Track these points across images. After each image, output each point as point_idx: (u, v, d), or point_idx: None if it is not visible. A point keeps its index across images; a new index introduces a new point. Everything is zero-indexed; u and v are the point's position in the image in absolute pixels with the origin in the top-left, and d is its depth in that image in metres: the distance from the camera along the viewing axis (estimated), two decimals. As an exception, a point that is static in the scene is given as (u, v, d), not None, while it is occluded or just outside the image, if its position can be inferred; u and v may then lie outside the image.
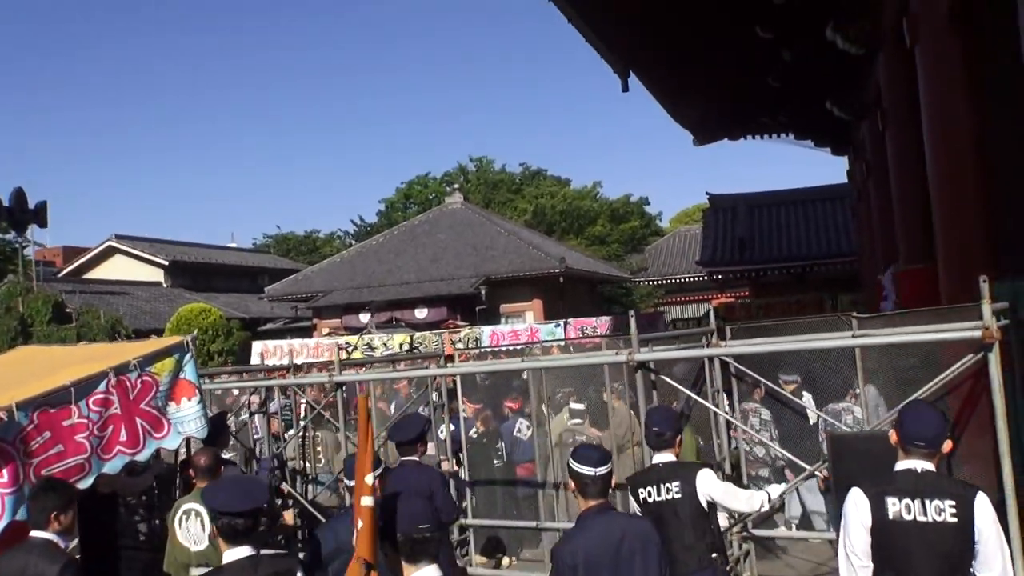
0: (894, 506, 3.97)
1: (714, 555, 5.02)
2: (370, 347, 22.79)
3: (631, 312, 5.73)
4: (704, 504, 5.03)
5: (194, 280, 43.13)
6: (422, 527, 3.78)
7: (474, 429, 9.52)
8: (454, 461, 8.67)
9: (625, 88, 18.98)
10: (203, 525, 5.84)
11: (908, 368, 6.02)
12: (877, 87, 15.05)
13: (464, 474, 8.92)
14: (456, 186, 46.07)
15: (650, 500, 5.14)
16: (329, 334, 32.96)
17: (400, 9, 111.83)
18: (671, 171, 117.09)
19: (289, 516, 6.75)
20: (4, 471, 5.22)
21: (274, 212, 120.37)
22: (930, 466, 4.08)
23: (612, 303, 45.68)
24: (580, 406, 9.40)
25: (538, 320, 33.99)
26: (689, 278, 44.78)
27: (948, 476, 4.16)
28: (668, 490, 5.09)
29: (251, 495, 4.16)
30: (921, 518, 3.91)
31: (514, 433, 9.94)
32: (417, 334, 23.65)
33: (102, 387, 5.83)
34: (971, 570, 3.93)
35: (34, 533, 4.74)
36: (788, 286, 31.27)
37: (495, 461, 9.46)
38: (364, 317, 32.91)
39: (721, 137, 27.18)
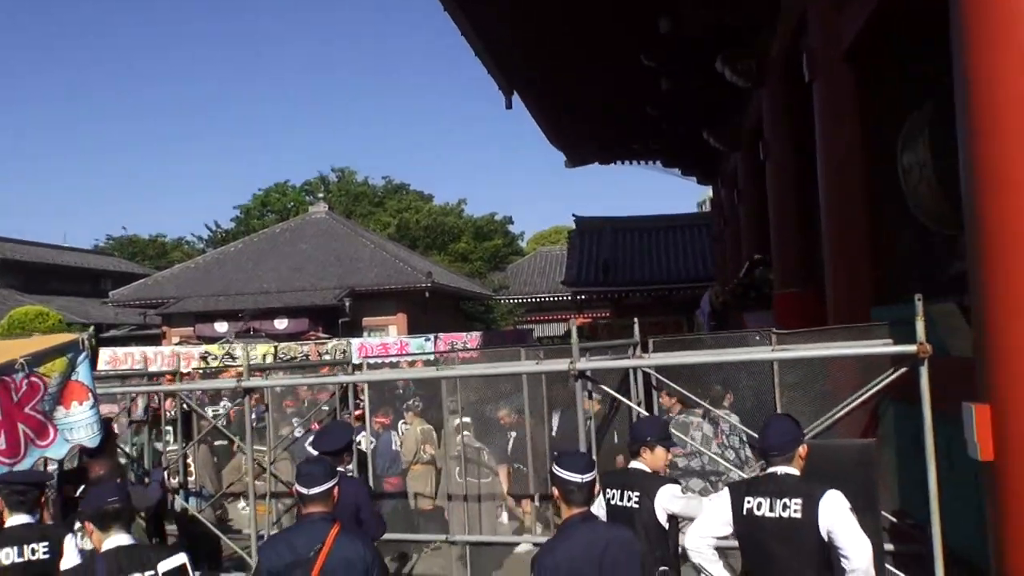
0: (750, 503, 4.42)
1: (662, 568, 4.97)
2: (231, 357, 21.87)
3: (571, 322, 5.63)
4: (662, 518, 5.00)
5: (27, 281, 40.17)
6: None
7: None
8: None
9: (509, 106, 19.11)
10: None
11: (822, 382, 6.19)
12: (756, 119, 15.61)
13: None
14: (321, 195, 45.15)
15: (612, 503, 5.16)
16: (180, 343, 31.59)
17: (268, 8, 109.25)
18: (531, 192, 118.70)
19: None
20: None
21: (114, 213, 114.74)
22: (790, 470, 4.48)
23: (473, 320, 45.66)
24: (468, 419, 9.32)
25: (400, 334, 33.66)
26: (549, 298, 45.38)
27: (805, 480, 4.50)
28: (629, 497, 5.10)
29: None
30: (769, 514, 4.35)
31: (393, 447, 9.71)
32: (281, 345, 22.87)
33: (-17, 389, 5.31)
34: (837, 561, 4.30)
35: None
36: (648, 308, 31.97)
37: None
38: (220, 326, 31.76)
39: (593, 161, 27.78)
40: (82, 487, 6.36)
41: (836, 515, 4.23)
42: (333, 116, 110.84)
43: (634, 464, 5.32)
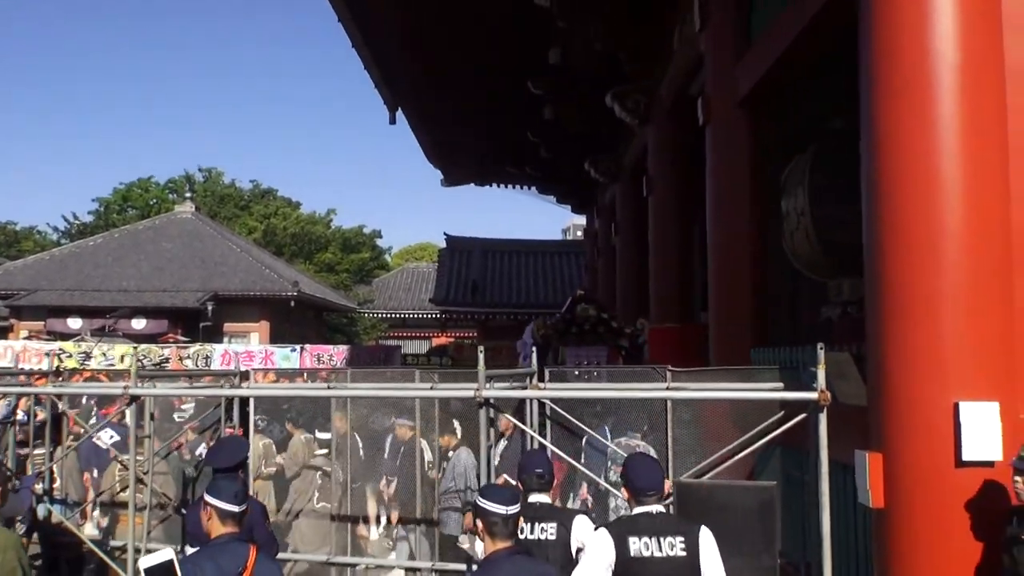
0: (635, 544, 4.39)
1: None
2: (87, 356, 20.97)
3: (480, 348, 5.65)
4: (574, 550, 5.01)
5: None
6: None
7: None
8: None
9: (392, 120, 19.17)
10: None
11: (710, 421, 6.42)
12: (637, 154, 16.10)
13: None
14: (189, 195, 43.74)
15: (521, 537, 5.05)
16: (29, 337, 30.00)
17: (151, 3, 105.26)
18: (400, 207, 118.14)
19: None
20: None
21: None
22: (661, 508, 4.62)
23: (336, 331, 45.10)
24: (326, 435, 9.21)
25: (263, 342, 32.96)
26: (414, 314, 45.21)
27: (676, 516, 4.71)
28: (543, 530, 5.03)
29: None
30: (658, 554, 4.37)
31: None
32: (141, 346, 22.03)
33: None
34: None
35: None
36: (514, 331, 32.29)
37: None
38: (74, 322, 30.39)
39: (469, 181, 28.00)
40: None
41: (713, 551, 4.40)
42: (203, 114, 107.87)
43: (537, 498, 5.21)
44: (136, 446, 6.80)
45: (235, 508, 4.27)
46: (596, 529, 4.71)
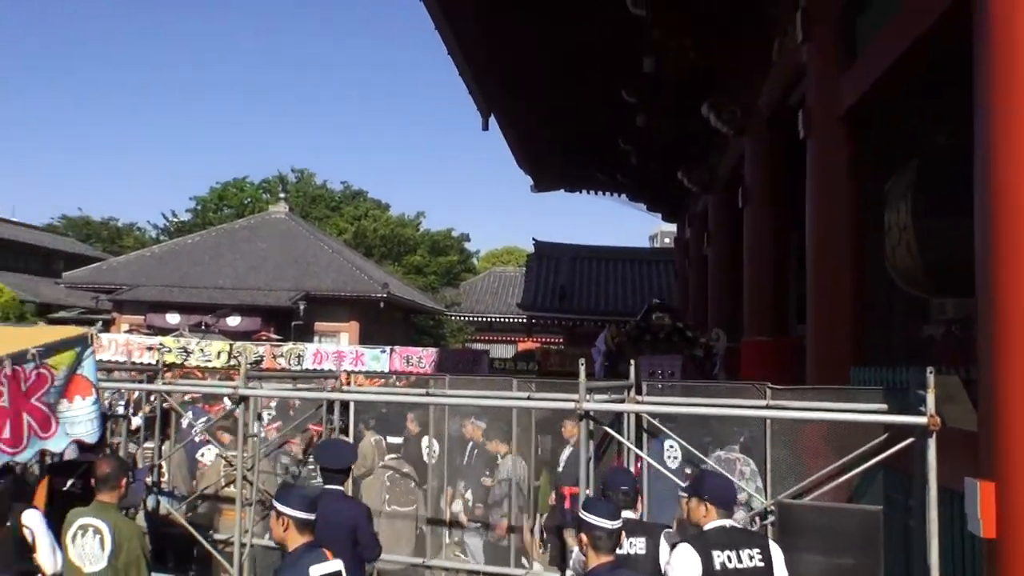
0: (718, 557, 4.52)
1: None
2: (186, 351, 21.64)
3: (581, 360, 5.68)
4: (663, 564, 5.03)
5: (-26, 254, 39.51)
6: None
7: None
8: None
9: (485, 127, 19.32)
10: (102, 543, 5.26)
11: (811, 439, 6.32)
12: (732, 165, 15.93)
13: None
14: (283, 195, 44.73)
15: (620, 552, 5.12)
16: (130, 331, 31.11)
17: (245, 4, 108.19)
18: (486, 211, 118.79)
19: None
20: None
21: (64, 192, 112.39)
22: (734, 522, 4.80)
23: (423, 333, 45.53)
24: (398, 440, 9.34)
25: (352, 342, 33.51)
26: (500, 318, 45.48)
27: (748, 529, 4.88)
28: (632, 544, 5.08)
29: None
30: (739, 565, 4.53)
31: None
32: (237, 344, 22.66)
33: (-6, 375, 5.25)
34: None
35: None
36: (602, 338, 32.19)
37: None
38: (172, 318, 31.34)
39: (559, 187, 28.03)
40: (71, 481, 6.32)
41: (783, 562, 4.59)
42: (297, 116, 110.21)
43: (626, 513, 5.18)
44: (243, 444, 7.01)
45: (310, 517, 4.36)
46: (676, 545, 4.76)
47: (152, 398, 8.70)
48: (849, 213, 9.00)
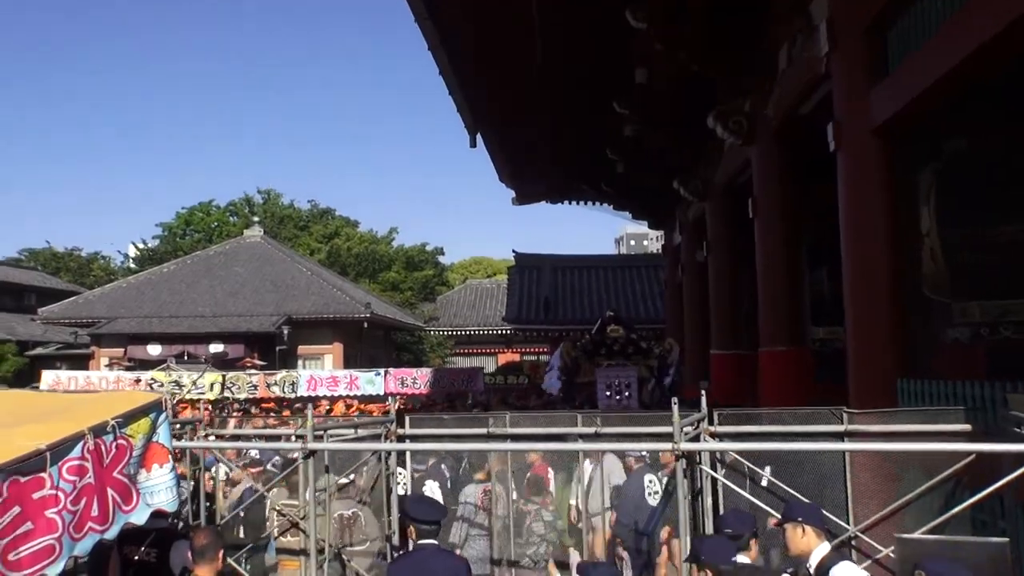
0: None
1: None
2: (178, 385, 21.26)
3: (674, 399, 5.56)
4: None
5: (-57, 294, 38.59)
6: None
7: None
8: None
9: (473, 144, 19.29)
10: None
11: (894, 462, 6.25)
12: (732, 173, 15.92)
13: None
14: (257, 219, 44.23)
15: None
16: (110, 365, 30.63)
17: (192, 22, 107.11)
18: (452, 223, 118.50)
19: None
20: (-29, 553, 4.32)
21: (20, 225, 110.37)
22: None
23: (403, 350, 45.26)
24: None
25: (336, 364, 33.28)
26: (479, 331, 45.28)
27: None
28: None
29: None
30: None
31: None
32: (230, 374, 22.31)
33: (77, 451, 4.99)
34: None
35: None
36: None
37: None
38: (153, 348, 30.87)
39: (541, 199, 27.97)
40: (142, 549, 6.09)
41: None
42: (258, 138, 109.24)
43: (741, 557, 5.16)
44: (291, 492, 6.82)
45: None
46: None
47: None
48: (884, 223, 8.96)
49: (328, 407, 19.52)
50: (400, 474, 7.86)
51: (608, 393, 15.98)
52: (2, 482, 4.51)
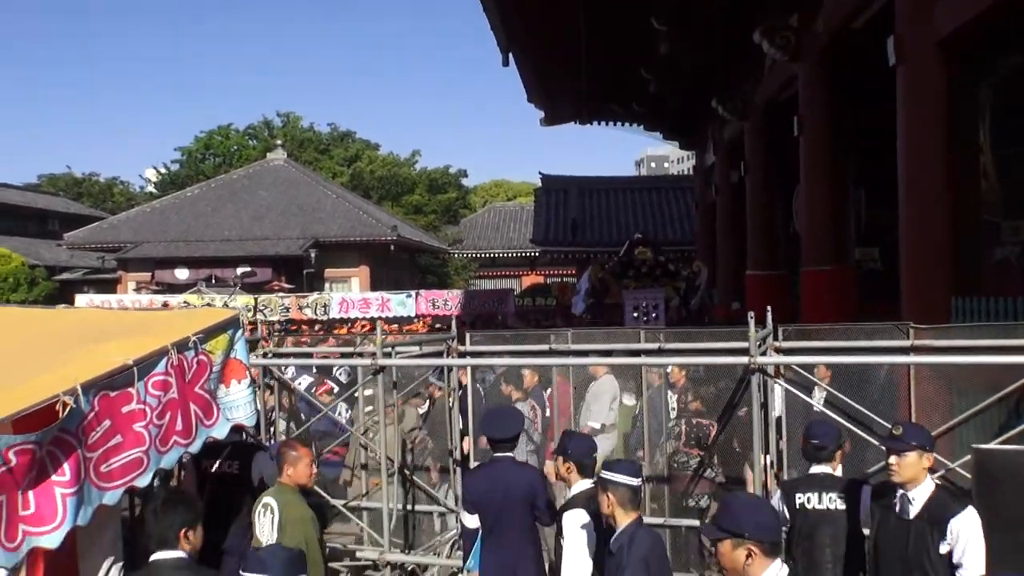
0: None
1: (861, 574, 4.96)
2: (211, 307, 21.38)
3: (750, 313, 5.55)
4: (863, 519, 4.99)
5: (-35, 219, 38.51)
6: None
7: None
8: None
9: (505, 63, 18.95)
10: (272, 522, 5.25)
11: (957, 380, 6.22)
12: (771, 92, 15.66)
13: None
14: (280, 142, 43.94)
15: (808, 507, 5.10)
16: (138, 288, 30.82)
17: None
18: (469, 145, 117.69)
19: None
20: (65, 467, 4.34)
21: (38, 150, 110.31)
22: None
23: (428, 273, 45.31)
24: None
25: (363, 287, 33.37)
26: (503, 253, 45.28)
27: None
28: (831, 499, 5.06)
29: None
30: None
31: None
32: (262, 297, 22.46)
33: (162, 367, 5.03)
34: None
35: (160, 555, 4.13)
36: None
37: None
38: (180, 273, 31.03)
39: (571, 120, 27.62)
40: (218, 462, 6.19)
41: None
42: (276, 61, 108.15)
43: (818, 469, 5.27)
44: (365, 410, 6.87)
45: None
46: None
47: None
48: (944, 139, 8.82)
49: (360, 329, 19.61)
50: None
51: (635, 315, 16.02)
52: (93, 397, 4.55)
